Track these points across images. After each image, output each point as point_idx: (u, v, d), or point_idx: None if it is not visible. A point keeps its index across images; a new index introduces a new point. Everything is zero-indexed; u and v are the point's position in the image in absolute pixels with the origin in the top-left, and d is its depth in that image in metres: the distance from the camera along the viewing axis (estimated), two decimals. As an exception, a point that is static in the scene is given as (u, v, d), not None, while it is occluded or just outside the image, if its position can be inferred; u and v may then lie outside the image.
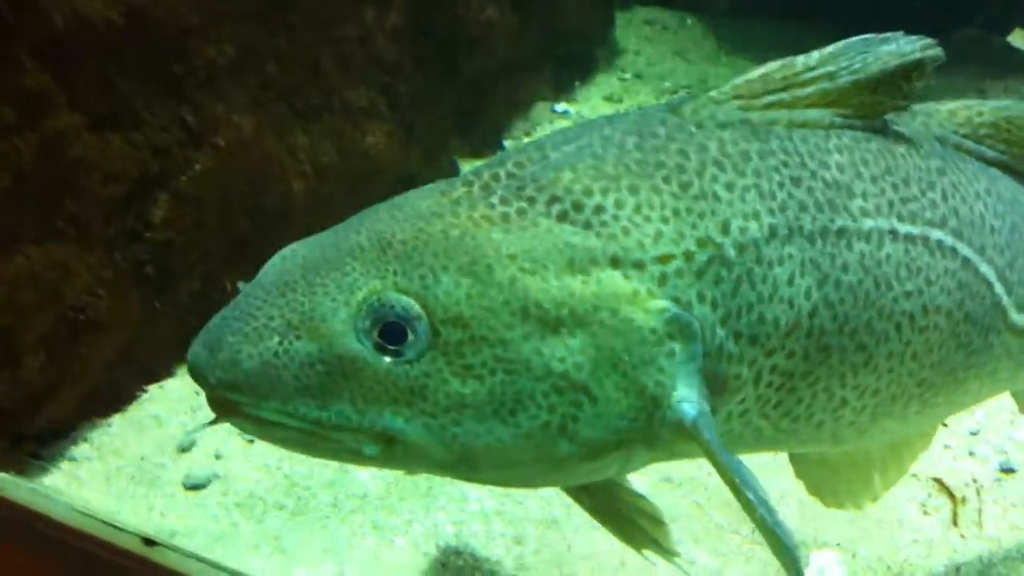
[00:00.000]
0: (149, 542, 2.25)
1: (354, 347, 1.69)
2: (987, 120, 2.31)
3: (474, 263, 1.73)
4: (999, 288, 2.20)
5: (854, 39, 2.04)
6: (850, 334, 1.97)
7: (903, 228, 2.04)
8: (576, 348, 1.73)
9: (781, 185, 1.93)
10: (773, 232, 1.90)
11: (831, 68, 2.01)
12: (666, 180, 1.87)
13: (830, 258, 1.94)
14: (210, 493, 3.37)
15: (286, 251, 1.83)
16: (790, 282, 1.90)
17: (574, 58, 6.73)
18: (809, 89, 2.02)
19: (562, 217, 1.79)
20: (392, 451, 1.74)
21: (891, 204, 2.03)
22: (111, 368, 3.65)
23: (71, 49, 3.41)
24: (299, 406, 1.69)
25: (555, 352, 1.72)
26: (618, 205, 1.82)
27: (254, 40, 4.14)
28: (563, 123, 6.30)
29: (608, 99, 6.67)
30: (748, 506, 1.81)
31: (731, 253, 1.86)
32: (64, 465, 3.47)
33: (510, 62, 6.02)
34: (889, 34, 2.05)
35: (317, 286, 1.71)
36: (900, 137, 2.13)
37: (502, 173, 1.86)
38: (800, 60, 2.02)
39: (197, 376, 1.72)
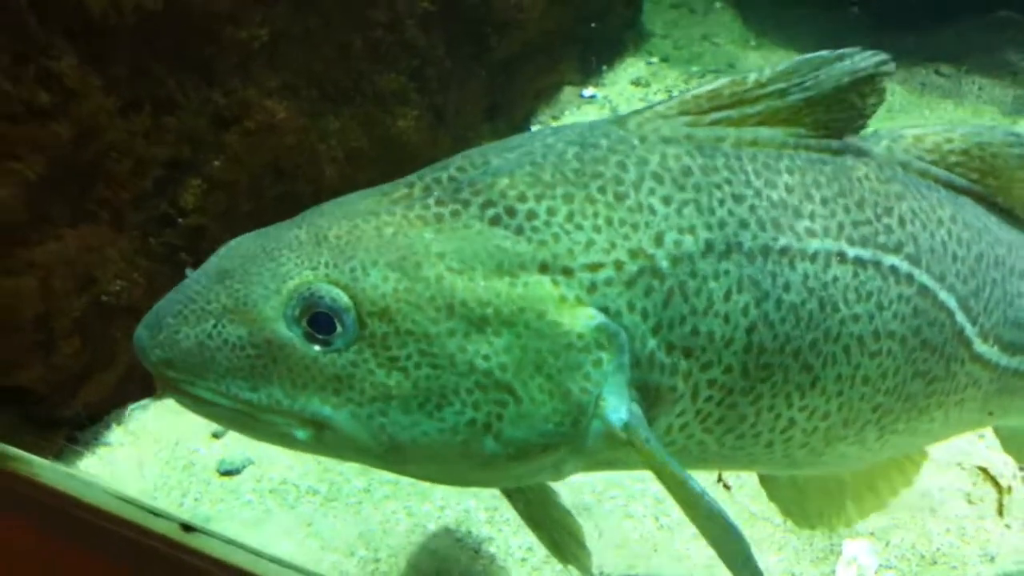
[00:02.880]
0: (187, 528, 2.26)
1: (284, 334, 1.76)
2: (957, 147, 2.27)
3: (403, 259, 1.79)
4: (960, 316, 2.18)
5: (809, 56, 2.03)
6: (792, 354, 1.98)
7: (852, 251, 2.03)
8: (500, 348, 1.78)
9: (722, 202, 1.95)
10: (709, 247, 1.92)
11: (782, 85, 2.02)
12: (601, 190, 1.90)
13: (771, 276, 1.95)
14: (244, 479, 3.40)
15: (232, 242, 1.90)
16: (726, 297, 1.92)
17: (601, 42, 6.70)
18: (759, 107, 2.02)
19: (494, 221, 1.84)
20: (322, 437, 1.81)
21: (841, 226, 2.03)
22: (145, 353, 3.66)
23: (104, 33, 3.42)
24: (231, 386, 1.78)
25: (479, 350, 1.78)
26: (550, 212, 1.86)
27: (286, 25, 4.13)
28: (590, 108, 6.28)
29: (636, 83, 6.63)
30: (691, 501, 1.86)
31: (664, 265, 1.88)
32: (99, 450, 3.50)
33: (538, 47, 5.99)
34: (845, 50, 2.05)
35: (253, 274, 1.78)
36: (859, 161, 2.12)
37: (444, 176, 1.90)
38: (752, 77, 2.02)
39: (139, 353, 1.81)
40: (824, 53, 2.04)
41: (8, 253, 3.23)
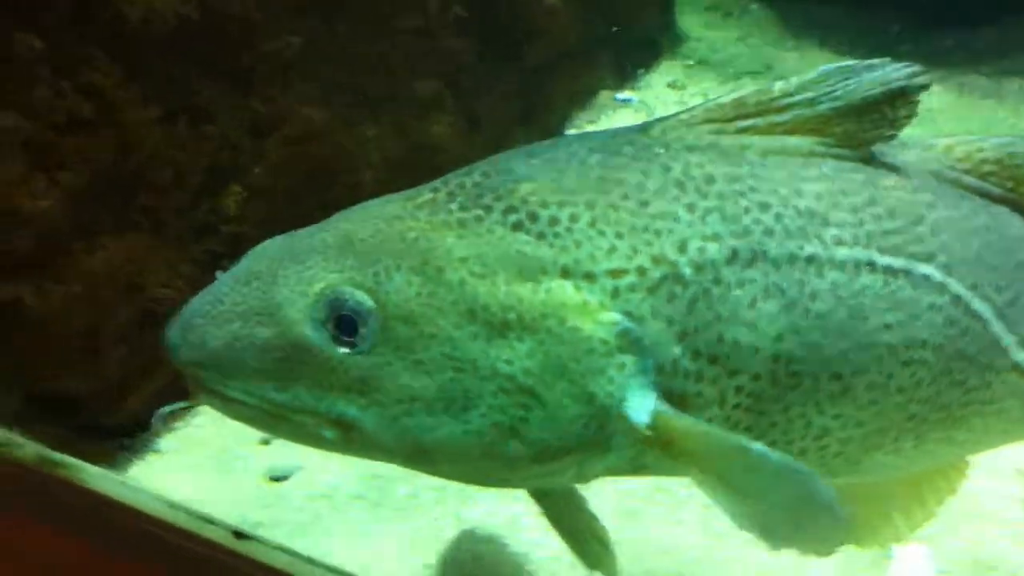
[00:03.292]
0: (239, 535, 2.26)
1: (310, 335, 1.80)
2: (990, 156, 2.25)
3: (426, 264, 1.82)
4: (996, 326, 2.16)
5: (836, 65, 2.04)
6: (822, 362, 1.98)
7: (883, 260, 2.03)
8: (523, 352, 1.80)
9: (747, 210, 1.95)
10: (734, 254, 1.92)
11: (810, 95, 2.02)
12: (624, 197, 1.91)
13: (798, 284, 1.95)
14: (293, 484, 3.40)
15: (260, 245, 1.94)
16: (752, 305, 1.92)
17: (636, 46, 6.68)
18: (786, 115, 2.03)
19: (517, 226, 1.87)
20: (350, 437, 1.84)
21: (870, 235, 2.02)
22: (191, 360, 3.67)
23: (143, 44, 3.44)
24: (259, 387, 1.81)
25: (502, 354, 1.80)
26: (573, 218, 1.88)
27: (322, 33, 4.14)
28: (626, 112, 6.25)
29: (672, 86, 6.60)
30: (754, 463, 1.82)
31: (687, 272, 1.89)
32: (148, 457, 3.51)
33: (572, 51, 5.98)
34: (875, 60, 2.05)
35: (280, 277, 1.82)
36: (889, 169, 2.12)
37: (468, 182, 1.93)
38: (778, 86, 2.03)
39: (169, 353, 1.85)
40: (852, 63, 2.04)
41: (54, 262, 3.25)
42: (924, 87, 2.04)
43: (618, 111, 6.24)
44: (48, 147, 3.20)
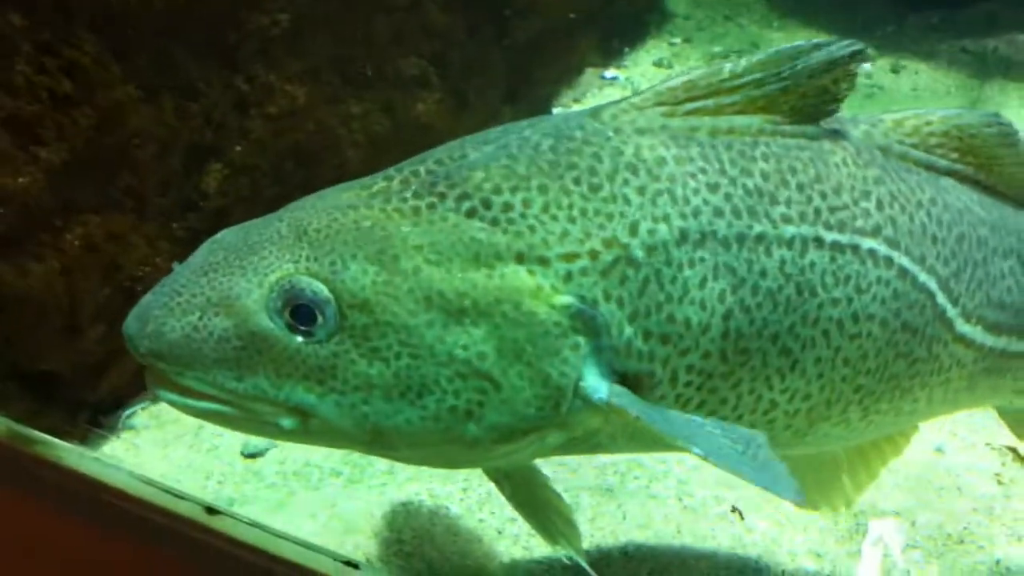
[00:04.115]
0: (211, 510, 2.28)
1: (267, 325, 1.84)
2: (937, 129, 2.30)
3: (381, 252, 1.85)
4: (941, 297, 2.22)
5: (786, 46, 2.08)
6: (771, 338, 2.03)
7: (830, 236, 2.07)
8: (479, 337, 1.84)
9: (696, 191, 1.99)
10: (684, 236, 1.97)
11: (759, 75, 2.06)
12: (576, 182, 1.95)
13: (747, 263, 2.00)
14: (267, 461, 3.41)
15: (217, 235, 1.98)
16: (702, 285, 1.97)
17: (623, 24, 6.67)
18: (735, 96, 2.07)
19: (471, 213, 1.91)
20: (309, 425, 1.89)
21: (817, 212, 2.07)
22: (169, 337, 3.67)
23: (126, 20, 3.43)
24: (218, 376, 1.85)
25: (458, 340, 1.84)
26: (526, 204, 1.92)
27: (307, 10, 4.13)
28: (612, 90, 6.25)
29: (658, 64, 6.60)
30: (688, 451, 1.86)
31: (638, 254, 1.94)
32: (124, 434, 3.52)
33: (559, 29, 5.97)
34: (821, 40, 2.09)
35: (236, 267, 1.86)
36: (836, 146, 2.16)
37: (421, 170, 1.97)
38: (727, 67, 2.07)
39: (129, 344, 1.90)
40: (801, 43, 2.09)
41: (34, 239, 3.25)
42: (866, 60, 2.10)
43: (604, 89, 6.24)
44: (29, 124, 3.20)
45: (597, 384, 1.89)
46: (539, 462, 2.37)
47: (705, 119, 2.06)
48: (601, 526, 3.13)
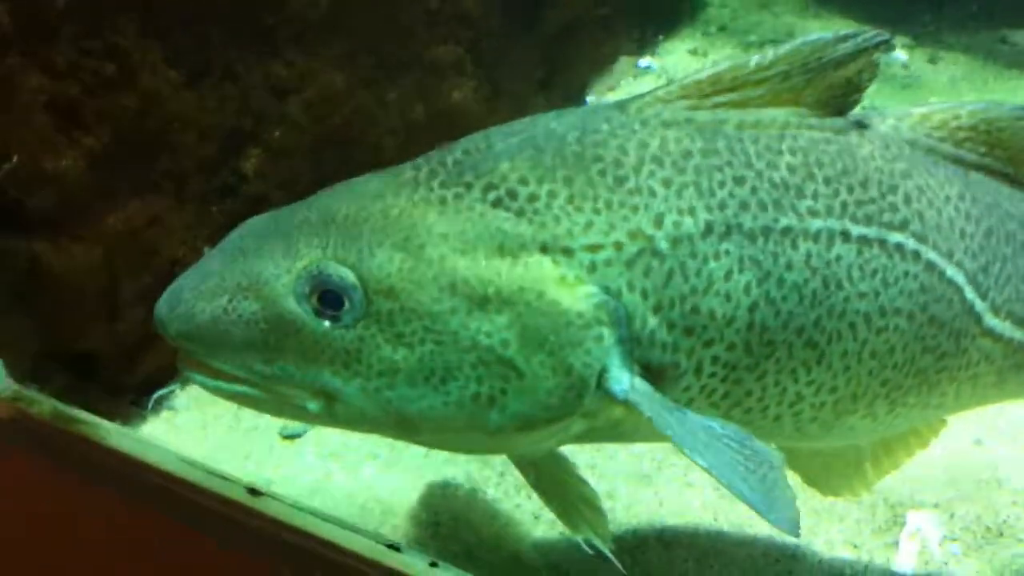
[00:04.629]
0: (254, 491, 2.31)
1: (295, 309, 1.88)
2: (965, 123, 2.28)
3: (408, 240, 1.89)
4: (970, 292, 2.21)
5: (811, 37, 2.08)
6: (796, 331, 2.04)
7: (857, 230, 2.07)
8: (502, 325, 1.86)
9: (722, 184, 2.00)
10: (709, 228, 1.98)
11: (784, 68, 2.06)
12: (601, 173, 1.97)
13: (772, 256, 2.01)
14: (305, 442, 3.43)
15: (248, 221, 2.02)
16: (727, 277, 1.97)
17: (658, 12, 6.64)
18: (761, 89, 2.07)
19: (496, 203, 1.93)
20: (334, 409, 1.93)
21: (844, 205, 2.07)
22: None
23: (165, 3, 3.44)
24: (247, 359, 1.90)
25: (481, 327, 1.86)
26: (551, 195, 1.94)
27: (344, -5, 4.14)
28: (647, 79, 6.22)
29: (692, 53, 6.55)
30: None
31: (663, 246, 1.95)
32: (164, 414, 3.55)
33: (593, 17, 5.95)
34: (849, 31, 2.09)
35: (265, 253, 1.91)
36: (863, 140, 2.15)
37: (449, 160, 1.99)
38: (753, 60, 2.07)
39: (159, 327, 1.95)
40: (827, 35, 2.09)
41: (75, 222, 3.28)
42: (891, 49, 2.10)
43: (639, 78, 6.21)
44: (71, 107, 3.23)
45: (620, 375, 1.91)
46: (577, 448, 2.36)
47: (731, 112, 2.06)
48: (637, 513, 3.13)
